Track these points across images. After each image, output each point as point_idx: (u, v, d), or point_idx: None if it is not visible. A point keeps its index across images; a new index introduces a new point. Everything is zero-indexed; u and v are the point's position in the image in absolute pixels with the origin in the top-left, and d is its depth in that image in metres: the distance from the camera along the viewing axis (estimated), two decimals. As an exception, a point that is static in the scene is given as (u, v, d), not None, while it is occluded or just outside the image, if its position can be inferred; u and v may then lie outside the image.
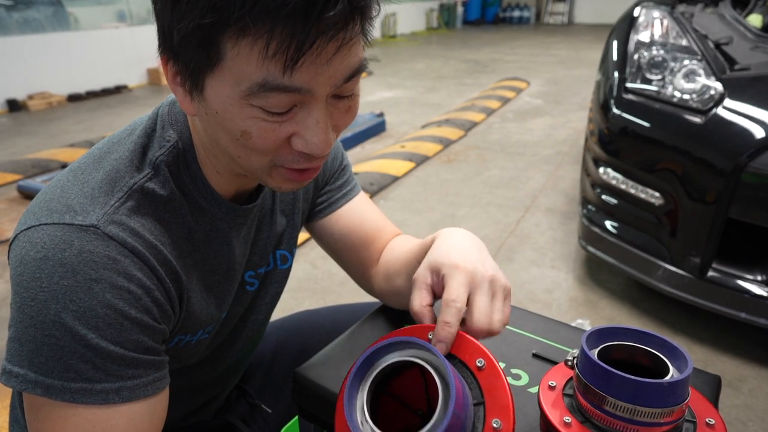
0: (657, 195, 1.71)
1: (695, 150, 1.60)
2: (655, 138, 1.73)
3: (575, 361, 0.51)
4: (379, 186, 3.13)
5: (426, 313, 0.56)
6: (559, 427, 0.48)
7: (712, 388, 0.62)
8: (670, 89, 1.76)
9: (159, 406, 0.54)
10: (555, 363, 0.64)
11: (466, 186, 3.20)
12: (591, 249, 1.96)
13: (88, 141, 4.17)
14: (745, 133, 1.52)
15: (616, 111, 1.84)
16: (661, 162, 1.70)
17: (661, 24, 2.01)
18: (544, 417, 0.51)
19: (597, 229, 1.93)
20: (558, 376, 0.54)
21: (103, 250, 0.50)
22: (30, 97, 5.54)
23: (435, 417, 0.43)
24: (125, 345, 0.50)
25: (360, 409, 0.46)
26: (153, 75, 6.73)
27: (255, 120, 0.48)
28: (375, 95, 5.80)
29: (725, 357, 1.69)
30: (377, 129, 4.33)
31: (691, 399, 0.49)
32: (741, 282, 1.59)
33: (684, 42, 1.90)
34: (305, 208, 0.79)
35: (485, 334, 0.54)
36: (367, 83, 6.39)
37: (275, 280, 0.77)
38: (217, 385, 0.81)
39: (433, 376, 0.46)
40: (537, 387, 0.59)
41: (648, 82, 1.83)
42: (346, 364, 0.51)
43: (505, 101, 5.33)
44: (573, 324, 0.93)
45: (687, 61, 1.78)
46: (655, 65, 1.84)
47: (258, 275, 0.73)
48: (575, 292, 2.07)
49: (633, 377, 0.45)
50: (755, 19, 2.24)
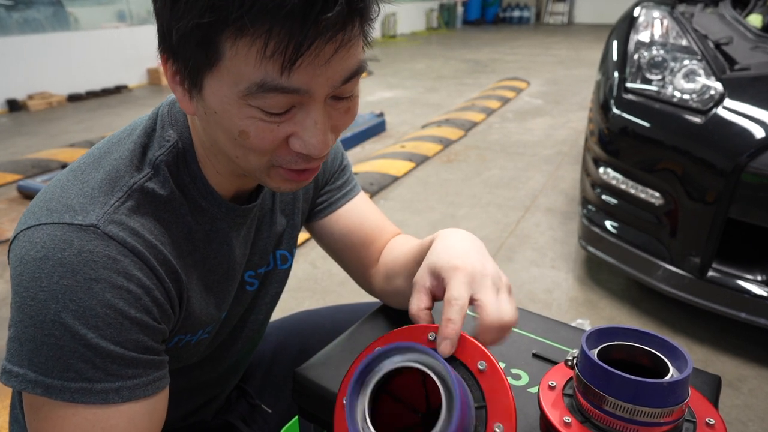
0: (657, 195, 1.71)
1: (695, 150, 1.60)
2: (655, 138, 1.73)
3: (575, 361, 0.51)
4: (379, 186, 3.13)
5: (423, 317, 0.56)
6: (559, 427, 0.48)
7: (712, 388, 0.62)
8: (670, 89, 1.76)
9: (159, 405, 0.54)
10: (555, 363, 0.64)
11: (466, 186, 3.20)
12: (591, 249, 1.96)
13: (88, 141, 4.17)
14: (745, 133, 1.52)
15: (616, 111, 1.84)
16: (661, 162, 1.70)
17: (661, 24, 2.01)
18: (544, 417, 0.51)
19: (597, 229, 1.93)
20: (558, 376, 0.54)
21: (103, 249, 0.50)
22: (30, 97, 5.55)
23: (439, 427, 0.43)
24: (125, 345, 0.50)
25: (361, 415, 0.46)
26: (153, 75, 6.73)
27: (253, 120, 0.48)
28: (375, 95, 5.80)
29: (725, 357, 1.69)
30: (377, 129, 4.33)
31: (691, 399, 0.49)
32: (741, 282, 1.59)
33: (684, 42, 1.90)
34: (305, 208, 0.79)
35: (498, 329, 0.52)
36: (367, 83, 6.39)
37: (275, 280, 0.77)
38: (217, 385, 0.81)
39: (436, 382, 0.45)
40: (537, 387, 0.59)
41: (648, 82, 1.83)
42: (346, 364, 0.51)
43: (505, 101, 5.33)
44: (573, 324, 0.93)
45: (687, 61, 1.78)
46: (655, 65, 1.84)
47: (258, 275, 0.73)
48: (575, 292, 2.07)
49: (633, 377, 0.45)
50: (755, 19, 2.24)
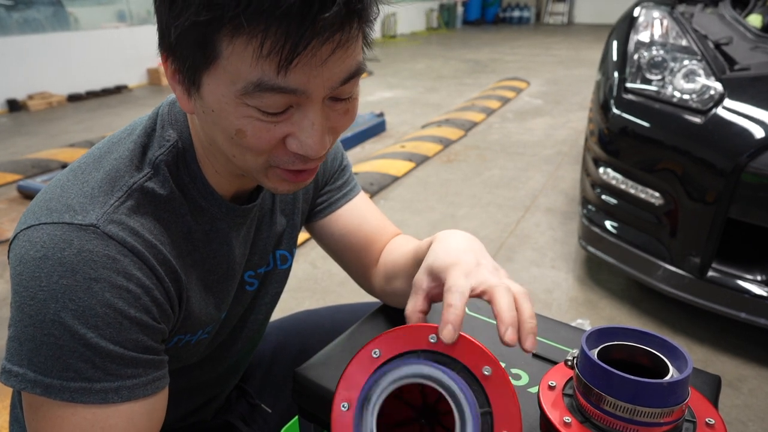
0: (657, 195, 1.71)
1: (695, 150, 1.60)
2: (655, 138, 1.73)
3: (575, 361, 0.51)
4: (379, 186, 3.12)
5: (416, 320, 0.56)
6: (559, 427, 0.48)
7: (712, 388, 0.62)
8: (670, 89, 1.76)
9: (158, 405, 0.54)
10: (555, 363, 0.64)
11: (466, 186, 3.20)
12: (591, 249, 1.96)
13: (88, 141, 4.17)
14: (745, 133, 1.52)
15: (616, 111, 1.84)
16: (661, 162, 1.70)
17: (661, 24, 2.01)
18: (544, 417, 0.51)
19: (597, 229, 1.93)
20: (558, 376, 0.54)
21: (103, 249, 0.50)
22: (30, 97, 5.54)
23: None
24: (124, 344, 0.50)
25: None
26: (153, 75, 6.73)
27: (250, 119, 0.48)
28: (375, 95, 5.80)
29: (725, 357, 1.69)
30: (377, 129, 4.33)
31: (691, 399, 0.49)
32: (741, 282, 1.58)
33: (684, 42, 1.90)
34: (305, 208, 0.79)
35: (513, 304, 0.52)
36: (367, 83, 6.39)
37: (275, 280, 0.77)
38: (217, 385, 0.81)
39: (449, 402, 0.45)
40: (537, 387, 0.59)
41: (648, 82, 1.83)
42: (345, 364, 0.51)
43: (505, 101, 5.32)
44: (573, 324, 0.93)
45: (687, 61, 1.78)
46: (655, 65, 1.84)
47: (258, 275, 0.73)
48: (575, 292, 2.07)
49: (633, 377, 0.45)
50: (755, 19, 2.24)
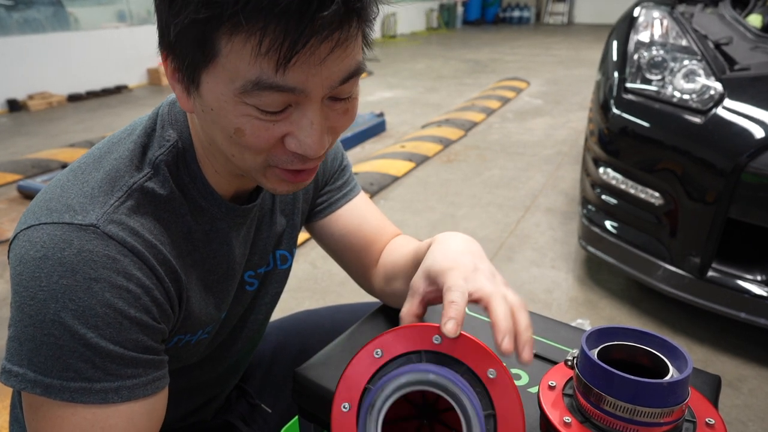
0: (657, 195, 1.71)
1: (695, 150, 1.60)
2: (655, 138, 1.73)
3: (575, 361, 0.51)
4: (379, 186, 3.12)
5: (411, 322, 0.57)
6: (559, 427, 0.48)
7: (712, 388, 0.62)
8: (669, 89, 1.76)
9: (158, 405, 0.54)
10: (555, 363, 0.64)
11: (466, 186, 3.20)
12: (591, 249, 1.96)
13: (88, 141, 4.17)
14: (745, 133, 1.52)
15: (616, 111, 1.84)
16: (661, 162, 1.70)
17: (661, 24, 2.01)
18: (544, 417, 0.51)
19: (597, 229, 1.93)
20: (558, 376, 0.54)
21: (103, 249, 0.50)
22: (30, 97, 5.54)
23: None
24: (124, 344, 0.50)
25: None
26: (153, 75, 6.73)
27: (249, 118, 0.48)
28: (375, 95, 5.80)
29: (725, 357, 1.69)
30: (377, 129, 4.33)
31: (691, 399, 0.49)
32: (741, 282, 1.58)
33: (684, 42, 1.90)
34: (305, 208, 0.79)
35: (510, 311, 0.52)
36: (367, 83, 6.39)
37: (275, 280, 0.77)
38: (217, 385, 0.81)
39: (455, 408, 0.45)
40: (537, 387, 0.59)
41: (648, 82, 1.83)
42: (345, 364, 0.51)
43: (505, 101, 5.32)
44: (573, 324, 0.93)
45: (687, 62, 1.78)
46: (655, 65, 1.84)
47: (258, 275, 0.73)
48: (575, 292, 2.07)
49: (633, 377, 0.45)
50: (755, 20, 2.24)
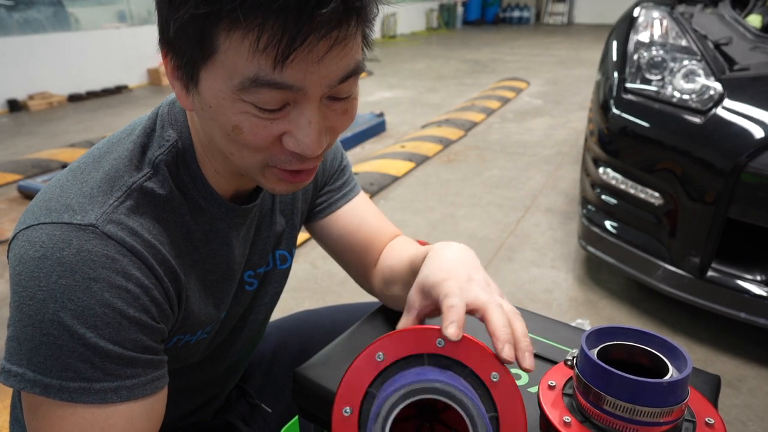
0: (657, 195, 1.71)
1: (695, 150, 1.60)
2: (655, 138, 1.73)
3: (575, 361, 0.51)
4: (379, 186, 3.12)
5: None
6: (559, 427, 0.48)
7: (711, 387, 0.62)
8: (669, 89, 1.76)
9: (157, 405, 0.54)
10: (555, 363, 0.64)
11: (466, 186, 3.20)
12: (591, 249, 1.96)
13: (88, 141, 4.17)
14: (745, 133, 1.52)
15: (615, 111, 1.84)
16: (661, 162, 1.70)
17: (661, 24, 2.01)
18: (543, 417, 0.51)
19: (597, 229, 1.93)
20: (558, 375, 0.54)
21: (102, 249, 0.50)
22: (30, 97, 5.54)
23: None
24: (124, 344, 0.50)
25: None
26: (153, 75, 6.73)
27: (247, 116, 0.48)
28: (375, 95, 5.80)
29: (725, 357, 1.69)
30: (377, 129, 4.33)
31: (691, 399, 0.49)
32: (741, 282, 1.58)
33: (683, 42, 1.90)
34: (304, 208, 0.79)
35: (507, 319, 0.52)
36: (367, 83, 6.39)
37: (275, 280, 0.77)
38: (217, 385, 0.81)
39: (464, 417, 0.45)
40: (537, 387, 0.59)
41: (648, 82, 1.83)
42: (346, 364, 0.51)
43: (505, 101, 5.32)
44: (573, 324, 0.93)
45: (686, 62, 1.78)
46: (655, 65, 1.84)
47: (257, 275, 0.73)
48: (575, 292, 2.07)
49: (632, 377, 0.45)
50: (755, 20, 2.24)
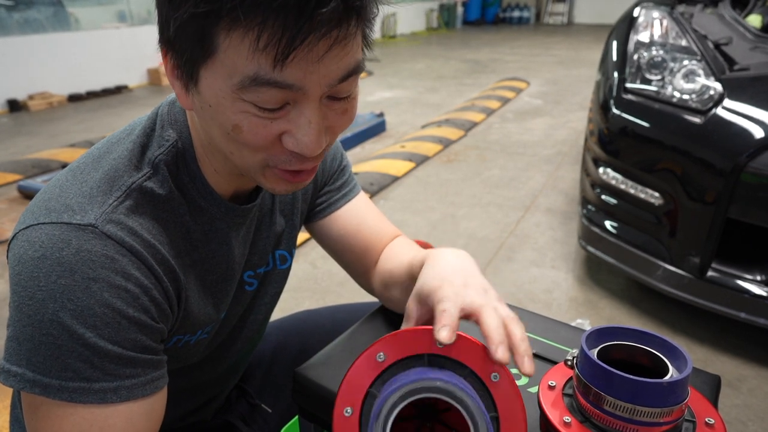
0: (657, 195, 1.71)
1: (695, 150, 1.60)
2: (655, 138, 1.73)
3: (575, 361, 0.51)
4: (379, 186, 3.12)
5: None
6: (559, 427, 0.48)
7: (711, 387, 0.62)
8: (669, 89, 1.76)
9: (157, 405, 0.54)
10: (555, 363, 0.64)
11: (466, 186, 3.20)
12: (591, 249, 1.96)
13: (88, 141, 4.17)
14: (745, 133, 1.52)
15: (615, 111, 1.84)
16: (661, 162, 1.70)
17: (661, 24, 2.01)
18: (543, 417, 0.51)
19: (597, 229, 1.93)
20: (558, 375, 0.54)
21: (101, 249, 0.50)
22: (30, 97, 5.54)
23: None
24: (123, 344, 0.50)
25: None
26: (153, 75, 6.73)
27: (246, 115, 0.48)
28: (375, 95, 5.80)
29: (725, 357, 1.69)
30: (377, 129, 4.33)
31: (691, 399, 0.49)
32: (741, 282, 1.58)
33: (683, 42, 1.90)
34: (304, 208, 0.79)
35: (501, 322, 0.51)
36: (367, 83, 6.39)
37: (274, 280, 0.77)
38: (217, 385, 0.81)
39: (465, 416, 0.45)
40: (537, 387, 0.59)
41: (648, 82, 1.83)
42: (346, 364, 0.51)
43: (505, 101, 5.32)
44: (573, 324, 0.93)
45: (686, 62, 1.78)
46: (655, 65, 1.84)
47: (257, 275, 0.73)
48: (575, 292, 2.07)
49: (632, 377, 0.45)
50: (755, 20, 2.24)
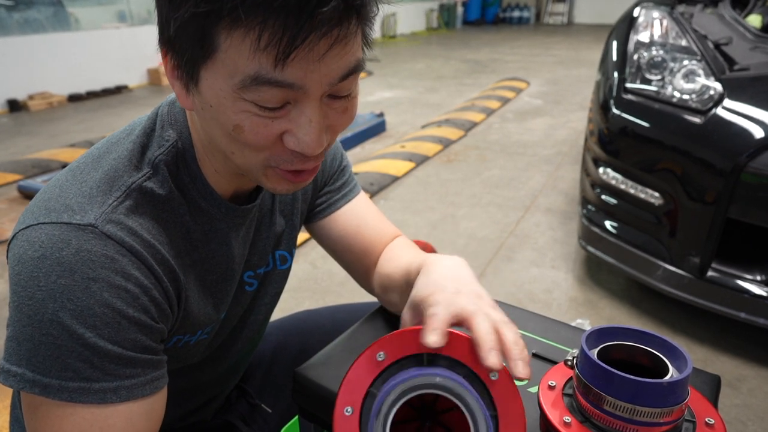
0: (657, 195, 1.71)
1: (695, 150, 1.60)
2: (655, 138, 1.73)
3: (575, 361, 0.51)
4: (379, 186, 3.12)
5: None
6: (559, 427, 0.48)
7: (711, 387, 0.62)
8: (669, 89, 1.76)
9: (157, 405, 0.54)
10: (555, 363, 0.64)
11: (466, 186, 3.20)
12: (591, 249, 1.96)
13: (88, 141, 4.17)
14: (745, 133, 1.52)
15: (615, 111, 1.84)
16: (661, 162, 1.70)
17: (661, 24, 2.01)
18: (543, 417, 0.51)
19: (597, 229, 1.93)
20: (558, 375, 0.54)
21: (101, 249, 0.50)
22: (30, 97, 5.54)
23: None
24: (123, 344, 0.50)
25: None
26: (153, 75, 6.73)
27: (247, 114, 0.48)
28: (375, 95, 5.80)
29: (725, 357, 1.69)
30: (377, 129, 4.33)
31: (691, 399, 0.49)
32: (740, 282, 1.58)
33: (683, 42, 1.90)
34: (304, 209, 0.79)
35: (493, 327, 0.50)
36: (367, 83, 6.39)
37: (274, 280, 0.77)
38: (217, 386, 0.81)
39: (464, 412, 0.45)
40: (537, 387, 0.59)
41: (648, 82, 1.83)
42: (346, 364, 0.51)
43: (505, 101, 5.32)
44: (573, 324, 0.93)
45: (686, 62, 1.78)
46: (655, 65, 1.84)
47: (257, 276, 0.73)
48: (575, 292, 2.07)
49: (632, 377, 0.45)
50: (755, 20, 2.24)
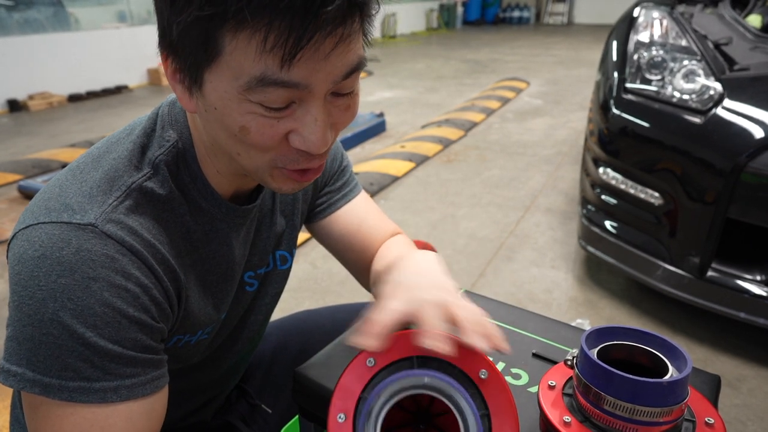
0: (656, 195, 1.71)
1: (695, 150, 1.60)
2: (655, 138, 1.73)
3: (575, 361, 0.51)
4: (379, 186, 3.12)
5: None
6: (559, 427, 0.48)
7: (711, 387, 0.62)
8: (669, 89, 1.76)
9: (157, 404, 0.54)
10: (555, 363, 0.64)
11: (466, 186, 3.20)
12: (591, 249, 1.96)
13: (88, 141, 4.17)
14: (745, 133, 1.52)
15: (615, 111, 1.84)
16: (661, 162, 1.70)
17: (661, 24, 2.01)
18: (543, 416, 0.51)
19: (597, 229, 1.93)
20: (557, 375, 0.54)
21: (101, 248, 0.50)
22: (30, 97, 5.54)
23: None
24: (123, 343, 0.50)
25: None
26: (153, 75, 6.74)
27: (253, 115, 0.48)
28: (375, 95, 5.80)
29: (725, 357, 1.69)
30: (377, 129, 4.33)
31: (691, 398, 0.49)
32: (740, 282, 1.58)
33: (683, 42, 1.90)
34: (304, 209, 0.79)
35: (435, 316, 0.49)
36: (367, 83, 6.39)
37: (275, 280, 0.77)
38: (217, 386, 0.81)
39: (454, 412, 0.45)
40: (537, 387, 0.59)
41: (647, 82, 1.83)
42: (346, 364, 0.51)
43: (505, 101, 5.32)
44: (573, 324, 0.93)
45: (686, 62, 1.78)
46: (655, 65, 1.84)
47: (257, 276, 0.73)
48: (575, 292, 2.07)
49: (632, 377, 0.45)
50: (755, 20, 2.24)
